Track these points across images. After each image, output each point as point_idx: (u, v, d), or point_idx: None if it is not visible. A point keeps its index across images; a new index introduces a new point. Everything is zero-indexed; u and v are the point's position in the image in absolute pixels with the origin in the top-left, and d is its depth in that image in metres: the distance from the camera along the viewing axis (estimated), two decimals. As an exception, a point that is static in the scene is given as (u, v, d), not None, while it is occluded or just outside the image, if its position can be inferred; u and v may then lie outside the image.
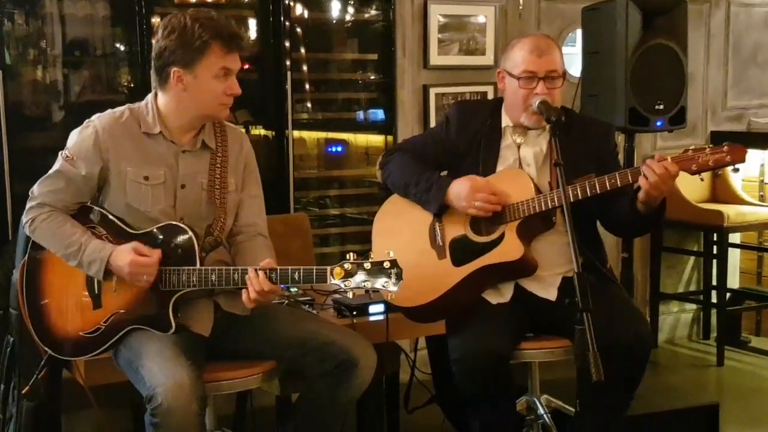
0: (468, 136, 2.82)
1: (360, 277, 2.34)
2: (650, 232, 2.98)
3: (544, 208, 2.63)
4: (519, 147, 2.78)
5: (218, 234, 2.57)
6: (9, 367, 2.77)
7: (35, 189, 2.53)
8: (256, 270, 2.38)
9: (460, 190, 2.68)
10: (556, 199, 2.60)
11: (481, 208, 2.66)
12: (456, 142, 2.83)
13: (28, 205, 2.53)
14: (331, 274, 2.36)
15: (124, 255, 2.43)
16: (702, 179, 2.57)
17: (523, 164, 2.77)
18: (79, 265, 2.47)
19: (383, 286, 2.33)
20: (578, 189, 2.58)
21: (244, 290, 2.41)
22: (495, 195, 2.66)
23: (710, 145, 2.54)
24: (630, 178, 2.56)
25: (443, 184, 2.72)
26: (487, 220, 2.70)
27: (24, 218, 2.54)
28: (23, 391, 2.64)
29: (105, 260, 2.44)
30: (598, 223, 2.85)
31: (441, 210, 2.74)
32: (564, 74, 2.76)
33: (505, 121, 2.81)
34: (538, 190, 2.69)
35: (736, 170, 2.56)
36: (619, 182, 2.55)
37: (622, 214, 2.66)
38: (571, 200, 2.54)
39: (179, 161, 2.54)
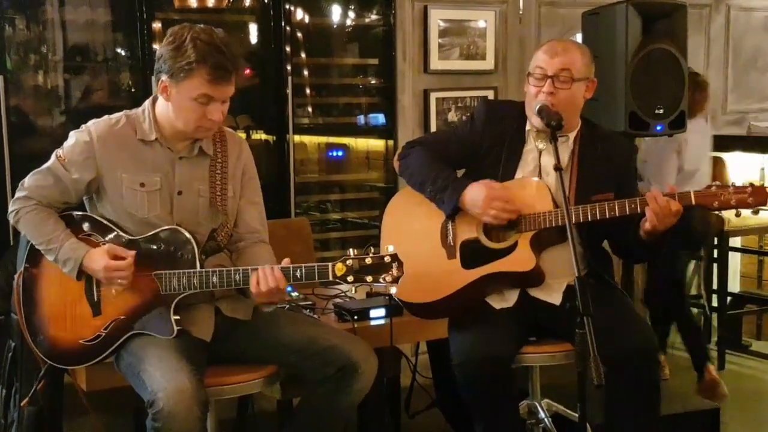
0: (492, 137, 2.78)
1: (361, 272, 2.35)
2: (647, 261, 2.98)
3: (561, 224, 2.60)
4: (540, 154, 2.75)
5: (222, 239, 2.58)
6: (10, 372, 2.77)
7: (25, 180, 2.56)
8: (273, 267, 2.39)
9: (476, 196, 2.65)
10: (574, 215, 2.58)
11: (495, 216, 2.63)
12: (479, 141, 2.79)
13: (16, 195, 2.56)
14: (333, 270, 2.37)
15: (97, 258, 2.45)
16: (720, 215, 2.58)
17: (542, 172, 2.74)
18: (56, 261, 2.50)
19: (385, 281, 2.34)
20: (597, 210, 2.57)
21: (252, 284, 2.40)
22: (511, 205, 2.64)
23: (734, 183, 2.55)
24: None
25: (459, 186, 2.69)
26: (502, 226, 2.70)
27: (10, 207, 2.56)
28: (22, 404, 2.64)
29: (79, 261, 2.47)
30: None
31: (455, 212, 2.73)
32: (588, 81, 2.73)
33: (529, 124, 2.79)
34: (555, 204, 2.67)
35: (756, 212, 2.57)
36: (639, 208, 2.54)
37: (628, 238, 2.67)
38: (589, 219, 2.56)
39: (175, 168, 2.54)
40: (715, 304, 4.77)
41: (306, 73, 4.05)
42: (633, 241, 2.64)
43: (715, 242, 4.65)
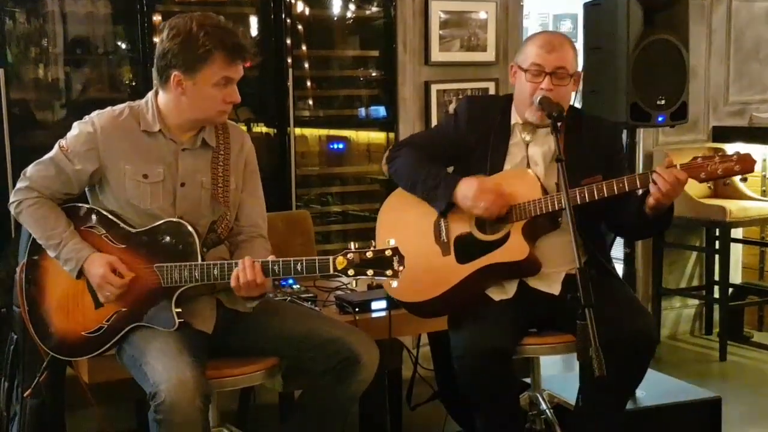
0: (477, 132, 2.80)
1: (362, 266, 2.35)
2: (655, 235, 2.96)
3: (551, 209, 2.62)
4: (527, 145, 2.77)
5: (222, 231, 2.58)
6: (13, 365, 2.77)
7: (28, 170, 2.55)
8: (253, 261, 2.39)
9: (467, 190, 2.67)
10: (563, 200, 2.60)
11: (486, 209, 2.65)
12: (464, 137, 2.81)
13: (18, 185, 2.55)
14: (334, 263, 2.37)
15: (98, 265, 2.45)
16: (710, 187, 2.58)
17: (531, 163, 2.76)
18: (57, 258, 2.50)
19: (386, 275, 2.34)
20: (585, 192, 2.58)
21: (233, 276, 2.40)
22: (502, 197, 2.65)
23: (719, 154, 2.54)
24: (638, 183, 2.56)
25: (451, 182, 2.71)
26: (493, 218, 2.70)
27: (12, 197, 2.56)
28: (25, 395, 2.65)
29: (81, 262, 2.47)
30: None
31: (448, 208, 2.73)
32: (576, 75, 2.73)
33: (515, 118, 2.79)
34: (544, 191, 2.68)
35: (744, 179, 2.55)
36: (626, 186, 2.55)
37: (629, 217, 2.66)
38: (578, 202, 2.56)
39: (179, 159, 2.54)
40: (716, 295, 4.76)
41: (307, 65, 4.04)
42: (636, 219, 2.63)
43: (717, 233, 4.66)
